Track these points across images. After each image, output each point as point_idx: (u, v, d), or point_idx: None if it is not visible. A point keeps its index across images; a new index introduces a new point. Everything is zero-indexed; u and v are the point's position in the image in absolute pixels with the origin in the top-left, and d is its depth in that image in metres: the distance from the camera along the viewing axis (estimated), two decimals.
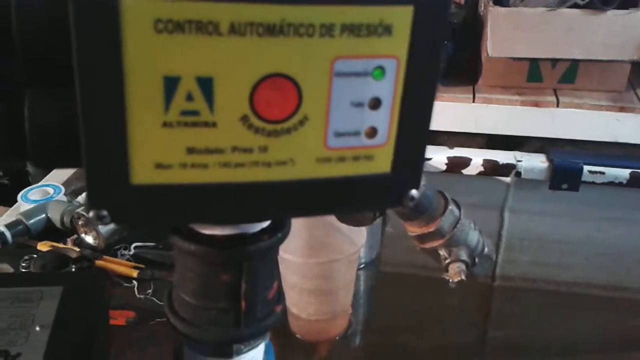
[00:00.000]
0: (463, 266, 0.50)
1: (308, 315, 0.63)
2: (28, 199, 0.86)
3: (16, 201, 0.88)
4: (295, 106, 0.20)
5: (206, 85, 0.19)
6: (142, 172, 0.20)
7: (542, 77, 1.29)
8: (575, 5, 1.19)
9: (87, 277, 0.45)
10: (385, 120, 0.21)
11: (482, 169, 0.88)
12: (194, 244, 0.27)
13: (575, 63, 1.25)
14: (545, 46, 1.23)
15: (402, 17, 0.20)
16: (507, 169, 0.88)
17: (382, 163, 0.22)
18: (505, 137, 1.27)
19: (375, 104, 0.21)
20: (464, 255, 0.50)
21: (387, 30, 0.20)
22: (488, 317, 0.74)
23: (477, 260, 0.52)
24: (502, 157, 0.89)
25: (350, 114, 0.21)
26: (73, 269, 0.65)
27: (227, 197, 0.21)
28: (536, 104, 1.25)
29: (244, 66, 0.19)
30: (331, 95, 0.20)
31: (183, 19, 0.18)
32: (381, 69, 0.20)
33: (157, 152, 0.20)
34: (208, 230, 0.27)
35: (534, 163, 0.88)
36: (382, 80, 0.21)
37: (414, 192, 0.23)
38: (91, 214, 0.20)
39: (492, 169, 0.88)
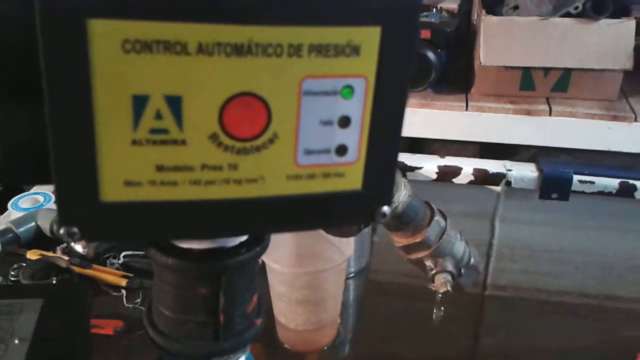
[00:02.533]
0: (449, 277, 0.50)
1: (296, 325, 0.63)
2: (18, 207, 0.86)
3: (6, 209, 0.88)
4: (264, 124, 0.20)
5: (175, 103, 0.19)
6: (112, 190, 0.20)
7: (534, 86, 1.30)
8: (568, 15, 1.20)
9: (67, 289, 0.45)
10: (355, 138, 0.21)
11: (472, 178, 0.88)
12: (171, 258, 0.28)
13: (567, 72, 1.26)
14: (537, 55, 1.23)
15: (369, 38, 0.20)
16: (497, 178, 0.88)
17: (353, 180, 0.22)
18: (498, 146, 1.27)
19: (345, 122, 0.21)
20: (449, 266, 0.50)
21: (355, 50, 0.20)
22: (479, 326, 0.74)
23: (463, 270, 0.52)
24: (493, 166, 0.89)
25: (320, 132, 0.21)
26: (54, 281, 0.65)
27: (198, 213, 0.21)
28: (528, 113, 1.25)
29: (212, 85, 0.19)
30: (300, 113, 0.21)
31: (150, 39, 0.18)
32: (350, 88, 0.21)
33: (126, 170, 0.20)
34: (185, 244, 0.28)
35: (524, 172, 0.89)
36: (351, 99, 0.21)
37: (385, 208, 0.23)
38: (62, 231, 0.20)
39: (483, 178, 0.88)
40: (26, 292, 0.38)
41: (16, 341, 0.33)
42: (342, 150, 0.22)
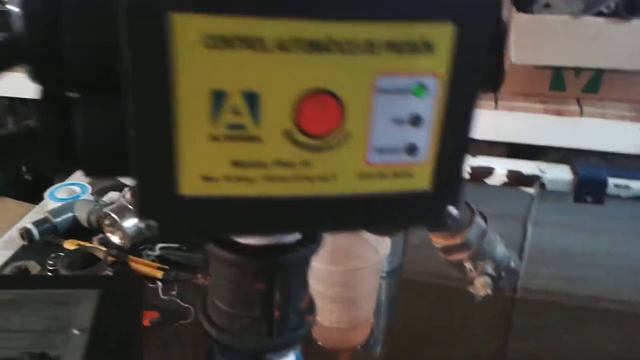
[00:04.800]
0: (489, 280, 0.49)
1: (330, 322, 0.63)
2: (55, 197, 0.87)
3: (39, 198, 0.90)
4: (338, 122, 0.21)
5: (252, 100, 0.20)
6: (190, 184, 0.20)
7: (565, 86, 1.28)
8: (600, 14, 1.18)
9: (123, 280, 0.46)
10: (426, 138, 0.22)
11: (505, 179, 0.87)
12: (230, 253, 0.28)
13: (599, 72, 1.24)
14: (569, 54, 1.22)
15: (443, 35, 0.20)
16: (531, 179, 0.87)
17: (422, 180, 0.22)
18: (526, 146, 1.26)
19: (416, 121, 0.21)
20: (489, 269, 0.50)
21: (429, 47, 0.20)
22: (509, 329, 0.73)
23: (503, 274, 0.51)
24: (526, 167, 0.89)
25: (391, 131, 0.21)
26: (109, 272, 0.66)
27: (270, 209, 0.22)
28: (559, 113, 1.23)
29: (288, 82, 0.20)
30: (373, 111, 0.21)
31: (231, 34, 0.19)
32: (422, 86, 0.21)
33: (204, 165, 0.20)
34: (244, 240, 0.28)
35: (558, 175, 0.88)
36: (423, 97, 0.21)
37: (453, 209, 0.23)
38: (142, 224, 0.21)
39: (516, 179, 0.87)
40: (82, 283, 0.39)
41: (75, 331, 0.34)
42: (412, 149, 0.22)
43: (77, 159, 0.21)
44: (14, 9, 0.22)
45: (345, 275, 0.60)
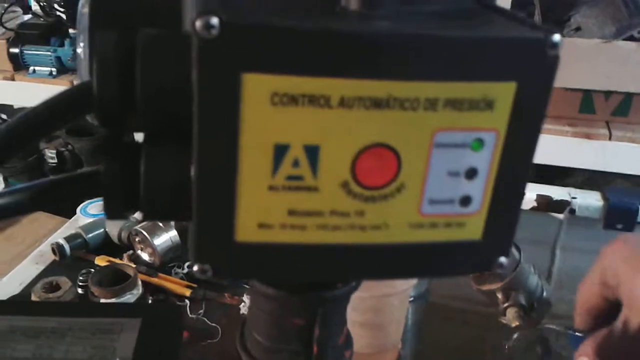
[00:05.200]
0: (521, 311, 0.49)
1: (358, 348, 0.62)
2: (87, 213, 0.89)
3: (68, 211, 0.91)
4: (394, 174, 0.21)
5: (312, 152, 0.20)
6: (246, 231, 0.21)
7: (594, 109, 1.27)
8: (631, 38, 1.17)
9: (164, 310, 0.46)
10: (480, 190, 0.22)
11: (534, 204, 0.87)
12: (272, 288, 0.28)
13: (629, 96, 1.23)
14: (599, 78, 1.21)
15: (504, 93, 0.20)
16: (561, 205, 0.87)
17: (474, 230, 0.22)
18: (554, 168, 1.25)
19: (472, 174, 0.21)
20: (522, 300, 0.50)
21: (489, 105, 0.20)
22: (537, 357, 0.72)
23: (535, 305, 0.51)
24: (556, 192, 0.88)
25: (446, 183, 0.21)
26: (150, 301, 0.67)
27: (322, 256, 0.22)
28: (588, 136, 1.23)
29: (349, 136, 0.20)
30: (429, 165, 0.21)
31: (298, 92, 0.19)
32: (480, 141, 0.21)
33: (261, 213, 0.21)
34: None
35: (588, 201, 0.87)
36: (480, 151, 0.21)
37: (503, 259, 0.23)
38: (195, 267, 0.21)
39: (546, 204, 0.87)
40: (125, 312, 0.39)
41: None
42: (466, 201, 0.22)
43: (138, 203, 0.22)
44: (81, 52, 0.23)
45: (375, 302, 0.60)
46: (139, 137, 0.22)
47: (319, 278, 0.25)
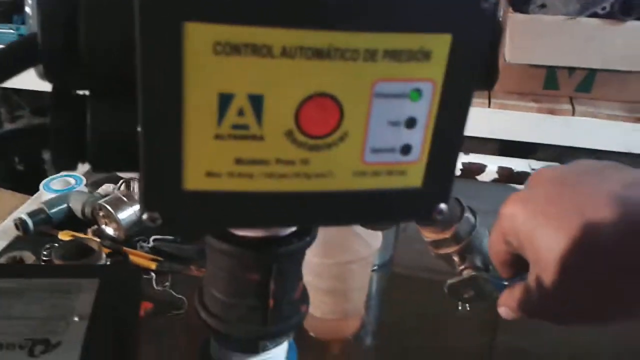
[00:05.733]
0: (477, 272, 0.51)
1: (322, 314, 0.64)
2: (50, 188, 0.88)
3: (32, 188, 0.90)
4: (336, 123, 0.22)
5: (256, 102, 0.21)
6: (194, 179, 0.22)
7: (558, 85, 1.29)
8: (595, 15, 1.19)
9: (122, 271, 0.47)
10: (419, 138, 0.23)
11: (496, 176, 0.89)
12: (227, 244, 0.29)
13: (592, 72, 1.25)
14: (563, 54, 1.23)
15: (441, 44, 0.21)
16: (521, 177, 0.89)
17: (414, 178, 0.23)
18: (518, 144, 1.27)
19: (411, 123, 0.22)
20: (478, 262, 0.51)
21: (426, 56, 0.21)
22: (497, 322, 0.75)
23: (490, 267, 0.53)
24: (517, 165, 0.90)
25: (387, 132, 0.22)
26: (108, 263, 0.67)
27: (269, 204, 0.23)
28: (552, 112, 1.25)
29: (292, 86, 0.21)
30: (370, 114, 0.22)
31: (240, 42, 0.20)
32: (418, 91, 0.22)
33: (208, 162, 0.21)
34: (241, 232, 0.29)
35: None
36: (419, 101, 0.22)
37: (443, 206, 0.24)
38: (145, 216, 0.22)
39: (507, 176, 0.89)
40: (83, 273, 0.40)
41: (76, 318, 0.35)
42: (406, 149, 0.23)
43: (85, 155, 0.22)
44: (29, 9, 0.23)
45: (338, 268, 0.61)
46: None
47: (266, 225, 0.26)
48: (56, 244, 0.76)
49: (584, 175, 0.32)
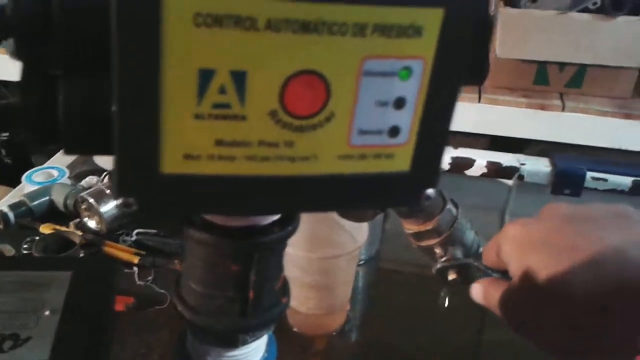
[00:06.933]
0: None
1: (307, 309, 0.63)
2: (32, 181, 0.86)
3: (18, 181, 0.88)
4: (323, 103, 0.21)
5: (239, 79, 0.20)
6: (172, 162, 0.20)
7: (549, 81, 1.29)
8: (586, 10, 1.19)
9: (96, 263, 0.45)
10: (408, 120, 0.22)
11: (485, 170, 0.88)
12: (206, 234, 0.28)
13: (583, 68, 1.25)
14: (554, 49, 1.23)
15: (432, 19, 0.20)
16: (510, 171, 0.88)
17: (402, 162, 0.22)
18: (508, 139, 1.27)
19: (400, 103, 0.21)
20: (459, 254, 0.51)
21: (417, 31, 0.20)
22: (485, 316, 0.74)
23: (472, 259, 0.52)
24: (506, 159, 0.90)
25: (375, 113, 0.21)
26: (82, 255, 0.65)
27: (251, 189, 0.22)
28: (542, 107, 1.25)
29: (276, 61, 0.20)
30: (358, 93, 0.21)
31: (222, 12, 0.18)
32: (408, 69, 0.21)
33: (187, 143, 0.20)
34: (220, 221, 0.28)
35: (537, 167, 0.89)
36: (408, 80, 0.21)
37: (430, 191, 0.23)
38: (119, 201, 0.21)
39: (496, 171, 0.88)
40: (56, 265, 0.38)
41: (47, 312, 0.34)
42: (394, 131, 0.22)
43: (58, 136, 0.21)
44: None
45: (323, 263, 0.60)
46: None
47: (248, 212, 0.25)
48: (37, 237, 0.74)
49: (592, 221, 0.33)
